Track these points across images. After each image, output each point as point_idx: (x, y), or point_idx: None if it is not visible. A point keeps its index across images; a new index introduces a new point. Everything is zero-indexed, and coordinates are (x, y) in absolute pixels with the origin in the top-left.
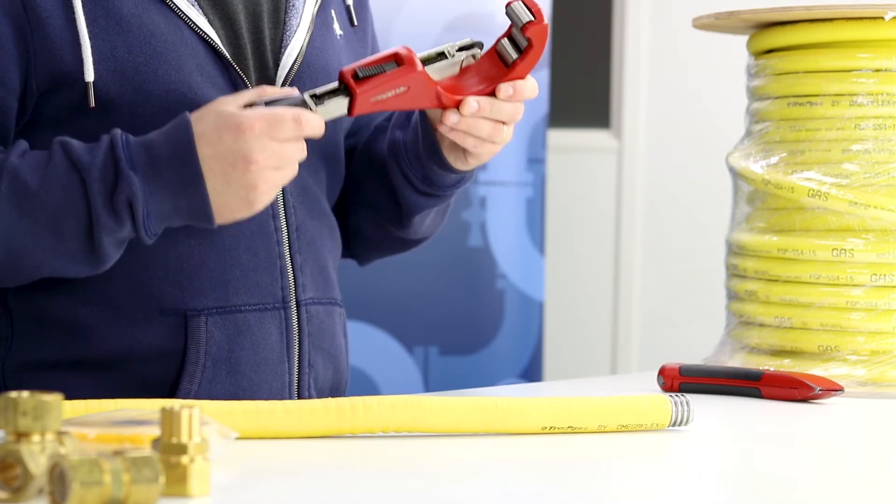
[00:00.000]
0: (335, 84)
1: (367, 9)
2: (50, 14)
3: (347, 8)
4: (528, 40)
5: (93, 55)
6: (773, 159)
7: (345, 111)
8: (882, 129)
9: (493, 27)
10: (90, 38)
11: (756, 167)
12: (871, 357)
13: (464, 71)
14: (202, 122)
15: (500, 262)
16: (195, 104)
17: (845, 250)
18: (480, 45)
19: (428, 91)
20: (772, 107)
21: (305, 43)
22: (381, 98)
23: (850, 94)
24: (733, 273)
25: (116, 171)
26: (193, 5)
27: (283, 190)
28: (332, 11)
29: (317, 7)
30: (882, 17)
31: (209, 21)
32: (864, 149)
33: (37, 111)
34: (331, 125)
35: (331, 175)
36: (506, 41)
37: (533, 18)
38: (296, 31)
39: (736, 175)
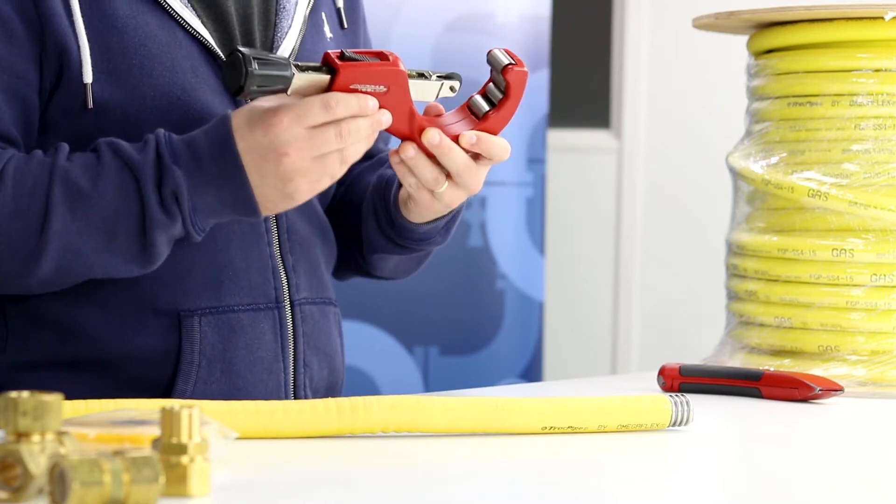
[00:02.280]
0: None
1: (359, 11)
2: (55, 12)
3: (338, 10)
4: (507, 85)
5: (90, 56)
6: (773, 159)
7: (325, 87)
8: (882, 129)
9: (493, 27)
10: (87, 40)
11: (756, 167)
12: (871, 357)
13: (438, 117)
14: (238, 116)
15: (500, 262)
16: (189, 106)
17: (845, 250)
18: (459, 79)
19: (403, 104)
20: (772, 107)
21: (297, 45)
22: (361, 89)
23: (850, 94)
24: (733, 273)
25: (160, 166)
26: (187, 6)
27: None
28: (323, 14)
29: (308, 9)
30: (882, 17)
31: (202, 23)
32: (864, 149)
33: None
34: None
35: None
36: (478, 97)
37: (513, 62)
38: (287, 33)
39: (736, 175)
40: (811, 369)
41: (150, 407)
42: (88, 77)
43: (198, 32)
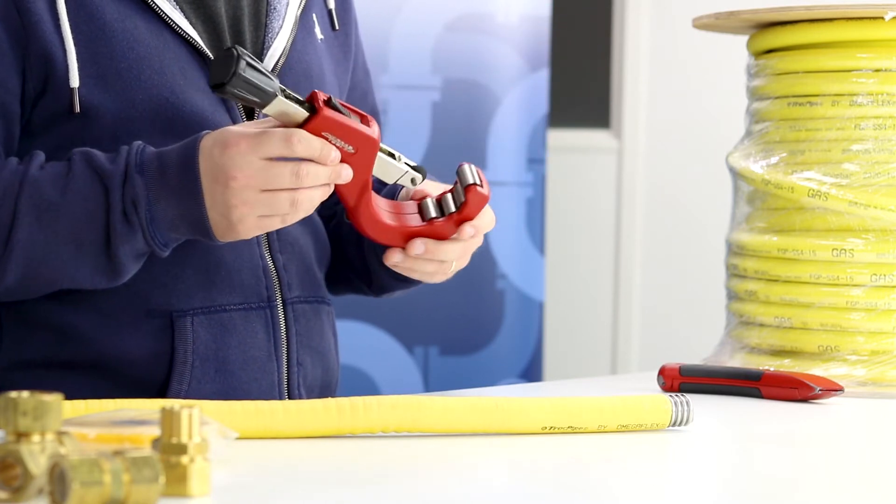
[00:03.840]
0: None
1: (351, 13)
2: (40, 18)
3: (329, 12)
4: (465, 203)
5: (77, 61)
6: (773, 159)
7: (299, 123)
8: (882, 129)
9: (493, 27)
10: (74, 45)
11: (756, 167)
12: (871, 357)
13: (415, 199)
14: (208, 137)
15: (500, 262)
16: (178, 108)
17: (845, 250)
18: (424, 173)
19: (363, 172)
20: (772, 107)
21: (288, 45)
22: (331, 139)
23: (850, 94)
24: (733, 273)
25: (126, 175)
26: (176, 8)
27: None
28: (314, 15)
29: (300, 10)
30: (882, 17)
31: (192, 24)
32: (864, 149)
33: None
34: None
35: None
36: (429, 201)
37: (478, 183)
38: (278, 34)
39: (736, 175)
40: (811, 369)
41: (150, 407)
42: (75, 82)
43: (187, 34)
